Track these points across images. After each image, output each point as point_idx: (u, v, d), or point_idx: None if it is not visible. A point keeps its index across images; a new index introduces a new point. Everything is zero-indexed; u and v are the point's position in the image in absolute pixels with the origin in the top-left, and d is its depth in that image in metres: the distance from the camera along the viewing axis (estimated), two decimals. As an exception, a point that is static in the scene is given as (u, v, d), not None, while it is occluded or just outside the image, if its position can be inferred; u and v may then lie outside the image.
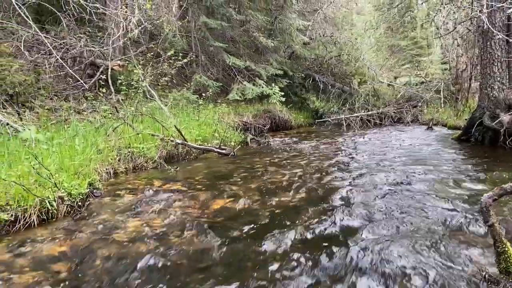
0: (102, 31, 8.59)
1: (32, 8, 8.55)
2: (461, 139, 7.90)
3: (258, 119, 10.70)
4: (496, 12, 6.62)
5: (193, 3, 10.40)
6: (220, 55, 10.64)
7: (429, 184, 4.45)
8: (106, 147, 5.37)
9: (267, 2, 11.99)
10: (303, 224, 3.35)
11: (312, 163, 6.16)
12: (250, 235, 3.19)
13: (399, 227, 3.20)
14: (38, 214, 3.45)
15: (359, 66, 14.82)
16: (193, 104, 8.86)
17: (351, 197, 4.11)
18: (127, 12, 6.89)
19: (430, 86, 14.03)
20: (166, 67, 8.24)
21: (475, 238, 2.96)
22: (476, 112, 7.45)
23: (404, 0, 13.32)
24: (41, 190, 3.59)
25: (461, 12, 10.06)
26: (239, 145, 7.95)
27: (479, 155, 6.38)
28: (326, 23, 14.58)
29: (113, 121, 6.28)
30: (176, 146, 6.52)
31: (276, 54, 12.41)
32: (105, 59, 8.40)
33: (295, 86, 13.81)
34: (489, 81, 7.05)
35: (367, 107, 12.88)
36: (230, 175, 5.40)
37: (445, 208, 3.59)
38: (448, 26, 11.77)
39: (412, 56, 22.31)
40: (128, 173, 5.46)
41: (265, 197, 4.24)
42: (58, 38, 8.15)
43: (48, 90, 7.31)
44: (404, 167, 5.52)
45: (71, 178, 4.04)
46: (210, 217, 3.65)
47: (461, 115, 10.74)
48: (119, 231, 3.30)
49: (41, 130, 5.55)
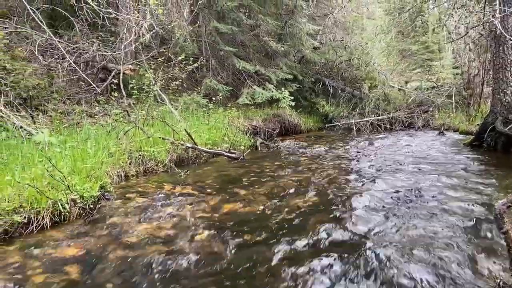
0: (114, 36, 8.69)
1: (46, 13, 8.69)
2: (473, 144, 7.81)
3: (268, 123, 10.71)
4: (509, 17, 6.56)
5: (204, 8, 10.47)
6: (230, 60, 10.68)
7: (442, 190, 4.40)
8: (118, 150, 5.42)
9: (278, 6, 12.01)
10: (314, 229, 3.34)
11: (322, 167, 6.14)
12: (260, 240, 3.19)
13: (412, 233, 3.18)
14: (51, 216, 3.49)
15: (369, 71, 14.76)
16: (203, 108, 8.91)
17: (362, 203, 4.08)
18: (139, 17, 6.96)
19: (442, 91, 13.91)
20: (176, 71, 8.29)
21: (489, 245, 2.92)
22: (489, 117, 7.37)
23: (415, 5, 13.24)
24: (54, 193, 3.63)
25: (473, 17, 9.97)
26: (248, 149, 7.96)
27: (492, 161, 6.31)
28: (336, 28, 14.57)
29: (125, 125, 6.34)
30: (186, 150, 6.56)
31: (286, 58, 12.42)
32: (117, 63, 8.49)
33: (305, 90, 13.80)
34: (501, 86, 6.98)
35: (378, 111, 12.81)
36: (239, 179, 5.41)
37: (458, 214, 3.56)
38: (460, 31, 11.68)
39: (423, 61, 22.17)
40: (138, 176, 5.50)
41: (275, 201, 4.24)
42: (71, 43, 8.26)
43: (61, 94, 7.41)
44: (415, 172, 5.47)
45: (83, 181, 4.08)
46: (220, 221, 3.66)
47: (473, 120, 10.63)
48: (130, 234, 3.32)
49: (54, 133, 5.63)
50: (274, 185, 4.97)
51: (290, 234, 3.25)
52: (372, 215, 3.64)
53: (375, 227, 3.34)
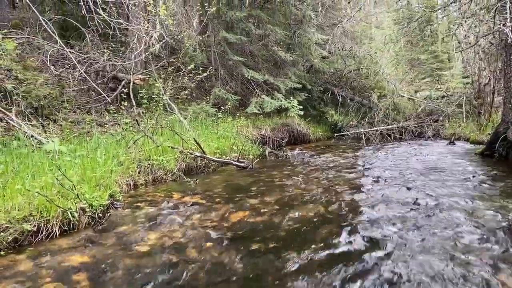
0: (124, 46, 8.79)
1: (57, 24, 8.84)
2: (484, 154, 7.70)
3: (276, 132, 10.69)
4: (520, 26, 6.51)
5: (213, 18, 10.56)
6: (239, 69, 10.72)
7: (453, 201, 4.33)
8: (127, 159, 5.44)
9: (286, 16, 12.07)
10: (323, 239, 3.31)
11: (331, 177, 6.10)
12: (269, 249, 3.16)
13: (423, 244, 3.12)
14: (60, 225, 3.50)
15: (378, 80, 14.71)
16: (212, 117, 8.94)
17: (372, 213, 4.04)
18: (149, 27, 7.03)
19: (452, 100, 13.78)
20: (186, 80, 8.35)
21: (503, 256, 2.86)
22: (500, 127, 7.27)
23: (424, 14, 13.20)
24: (64, 201, 3.64)
25: (483, 26, 9.91)
26: (257, 158, 7.95)
27: (504, 170, 6.21)
28: (345, 37, 14.60)
29: (134, 134, 6.37)
30: (195, 159, 6.56)
31: (295, 67, 12.44)
32: (127, 73, 8.58)
33: (313, 99, 13.79)
34: (513, 95, 6.89)
35: (387, 121, 12.73)
36: (248, 188, 5.39)
37: (471, 225, 3.50)
38: (469, 40, 11.59)
39: (432, 70, 22.08)
40: (147, 185, 5.50)
41: (284, 210, 4.21)
42: (82, 53, 8.38)
43: (72, 103, 7.49)
44: (426, 182, 5.41)
45: (93, 189, 4.09)
46: (229, 230, 3.63)
47: (484, 130, 10.50)
48: (139, 243, 3.31)
49: (64, 142, 5.67)
50: (283, 195, 4.94)
51: (299, 244, 3.21)
52: (383, 226, 3.59)
53: (386, 238, 3.29)
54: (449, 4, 10.97)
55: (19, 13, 9.81)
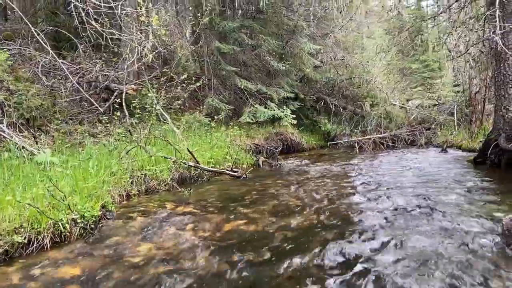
0: (117, 56, 8.79)
1: (50, 35, 8.83)
2: (476, 161, 7.76)
3: (270, 142, 10.69)
4: (509, 34, 6.60)
5: (206, 28, 10.61)
6: (232, 79, 10.76)
7: (447, 207, 4.35)
8: (119, 169, 5.40)
9: (279, 27, 12.17)
10: (316, 248, 3.29)
11: (324, 185, 6.09)
12: (263, 259, 3.13)
13: (418, 251, 3.12)
14: (51, 236, 3.45)
15: (370, 89, 14.81)
16: (205, 127, 8.93)
17: (365, 221, 4.03)
18: (142, 38, 7.05)
19: (443, 109, 13.93)
20: (179, 90, 8.34)
21: (497, 261, 2.86)
22: (492, 134, 7.34)
23: (414, 24, 13.39)
24: (55, 213, 3.60)
25: (473, 35, 10.05)
26: (251, 167, 7.94)
27: (496, 177, 6.25)
28: (337, 47, 14.71)
29: (127, 144, 6.33)
30: (189, 169, 6.54)
31: (288, 77, 12.51)
32: (119, 83, 8.56)
33: (306, 108, 13.84)
34: (504, 103, 6.97)
35: (380, 129, 12.80)
36: (242, 197, 5.37)
37: (465, 231, 3.50)
38: (460, 49, 11.74)
39: (423, 79, 22.27)
40: (140, 196, 5.46)
41: (278, 219, 4.19)
42: (74, 64, 8.36)
43: (64, 114, 7.45)
44: (419, 189, 5.42)
45: (85, 200, 4.05)
46: (223, 240, 3.61)
47: (476, 137, 10.59)
48: (132, 254, 3.27)
49: (56, 153, 5.63)
50: (277, 204, 4.92)
51: (293, 253, 3.20)
52: (376, 233, 3.58)
53: (380, 246, 3.28)
54: (439, 14, 11.13)
55: (12, 25, 9.78)
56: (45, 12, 9.89)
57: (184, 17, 12.13)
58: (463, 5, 9.30)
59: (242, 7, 11.53)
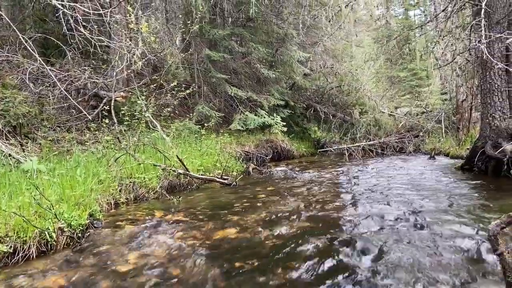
0: (106, 63, 8.75)
1: (38, 42, 8.76)
2: (464, 168, 7.86)
3: (260, 149, 10.70)
4: (494, 43, 6.73)
5: (196, 36, 10.63)
6: (222, 86, 10.77)
7: (434, 214, 4.38)
8: (108, 177, 5.35)
9: (269, 35, 12.26)
10: (307, 255, 3.28)
11: (314, 193, 6.10)
12: (252, 267, 3.12)
13: (406, 258, 3.13)
14: (38, 245, 3.39)
15: (359, 97, 14.97)
16: (195, 134, 8.90)
17: (355, 229, 4.04)
18: (131, 45, 7.02)
19: (431, 116, 14.13)
20: (169, 98, 8.32)
21: (484, 267, 2.88)
22: (478, 142, 7.44)
23: (402, 33, 13.59)
24: (41, 221, 3.54)
25: (459, 44, 10.23)
26: (241, 175, 7.92)
27: (483, 184, 6.33)
28: (326, 55, 14.86)
29: (115, 152, 6.28)
30: (178, 176, 6.50)
31: (278, 85, 12.57)
32: (108, 91, 8.51)
33: (296, 116, 13.91)
34: (490, 111, 7.08)
35: (369, 136, 12.92)
36: (232, 205, 5.34)
37: (452, 237, 3.52)
38: (446, 57, 11.95)
39: (411, 87, 22.54)
40: (129, 204, 5.40)
41: (268, 227, 4.17)
42: (62, 71, 8.30)
43: (51, 122, 7.37)
44: (408, 196, 5.46)
45: (72, 208, 3.99)
46: (212, 248, 3.58)
47: (463, 145, 10.74)
48: (119, 263, 3.23)
49: (43, 161, 5.55)
50: (267, 211, 4.91)
51: (283, 261, 3.18)
52: (365, 241, 3.58)
53: (368, 253, 3.29)
54: (426, 23, 11.31)
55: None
56: (34, 19, 9.82)
57: (174, 24, 12.13)
58: (449, 14, 9.47)
59: (232, 15, 11.58)
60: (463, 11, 9.92)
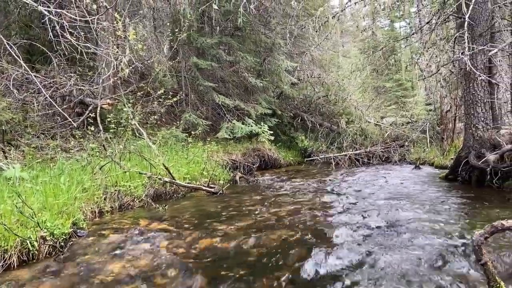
0: (92, 70, 8.67)
1: (23, 48, 8.64)
2: (448, 178, 7.95)
3: (247, 158, 10.68)
4: (477, 55, 6.87)
5: (184, 44, 10.64)
6: (210, 94, 10.77)
7: (419, 223, 4.41)
8: (92, 185, 5.27)
9: (256, 44, 12.33)
10: (292, 264, 3.28)
11: (301, 202, 6.11)
12: (238, 275, 3.09)
13: (390, 268, 3.14)
14: (19, 255, 3.32)
15: (346, 106, 15.11)
16: (182, 142, 8.85)
17: (340, 237, 4.05)
18: (118, 52, 6.98)
19: (416, 126, 14.32)
20: (155, 105, 8.28)
21: (468, 277, 2.91)
22: (462, 152, 7.55)
23: (388, 44, 13.81)
24: (23, 230, 3.47)
25: (444, 55, 10.44)
26: (228, 183, 7.89)
27: (467, 194, 6.41)
28: (313, 65, 14.99)
29: (101, 159, 6.20)
30: (164, 184, 6.45)
31: (265, 93, 12.62)
32: (94, 98, 8.43)
33: (284, 125, 13.96)
34: (473, 121, 7.20)
35: (355, 146, 13.02)
36: (218, 213, 5.31)
37: (436, 247, 3.55)
38: (431, 69, 12.16)
39: (397, 97, 22.83)
40: (114, 212, 5.33)
41: (254, 236, 4.16)
42: (48, 77, 8.20)
43: (36, 129, 7.25)
44: (392, 206, 5.49)
45: (55, 217, 3.93)
46: (198, 257, 3.55)
47: (447, 155, 10.88)
48: (102, 273, 3.17)
49: (26, 168, 5.45)
50: (253, 220, 4.89)
51: (269, 269, 3.17)
52: (350, 249, 3.60)
53: (354, 261, 3.30)
54: (411, 35, 11.52)
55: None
56: (19, 25, 9.70)
57: (162, 32, 12.13)
58: (433, 27, 9.66)
59: (220, 24, 11.63)
60: (447, 24, 10.13)
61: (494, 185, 6.44)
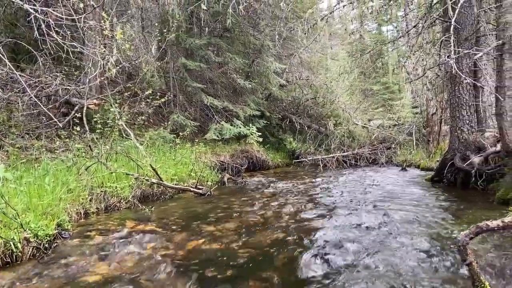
0: (79, 70, 8.56)
1: (8, 47, 8.49)
2: (434, 180, 8.04)
3: (236, 159, 10.66)
4: (463, 58, 6.97)
5: (172, 45, 10.58)
6: (198, 95, 10.72)
7: (404, 225, 4.45)
8: (78, 186, 5.20)
9: (245, 45, 12.33)
10: (280, 265, 3.27)
11: (289, 203, 6.11)
12: (226, 277, 3.08)
13: (376, 268, 3.16)
14: (2, 256, 3.26)
15: (334, 108, 15.21)
16: (170, 143, 8.79)
17: (327, 238, 4.06)
18: (105, 51, 6.91)
19: (403, 129, 14.47)
20: (143, 106, 8.21)
21: (453, 277, 2.94)
22: (448, 154, 7.65)
23: (375, 47, 13.94)
24: (6, 231, 3.40)
25: (430, 59, 10.57)
26: (216, 184, 7.86)
27: (452, 195, 6.49)
28: (302, 67, 15.05)
29: (87, 160, 6.12)
30: (151, 186, 6.39)
31: (254, 95, 12.62)
32: (81, 98, 8.31)
33: (272, 126, 13.98)
34: (458, 124, 7.30)
35: (343, 148, 13.10)
36: (206, 215, 5.29)
37: (421, 248, 3.58)
38: (418, 72, 12.31)
39: (384, 100, 23.06)
40: (99, 214, 5.27)
41: (242, 237, 4.15)
42: (33, 76, 8.06)
43: (20, 128, 7.13)
44: (379, 207, 5.53)
45: (39, 218, 3.86)
46: (185, 259, 3.52)
47: (433, 157, 11.01)
48: (88, 275, 3.13)
49: (10, 168, 5.35)
50: (241, 221, 4.88)
51: (257, 270, 3.16)
52: (337, 251, 3.61)
53: (340, 263, 3.31)
54: (398, 38, 11.65)
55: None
56: (4, 23, 9.53)
57: (150, 32, 12.05)
58: (420, 30, 9.79)
59: (209, 25, 11.59)
60: (433, 28, 10.27)
61: (478, 187, 6.54)
